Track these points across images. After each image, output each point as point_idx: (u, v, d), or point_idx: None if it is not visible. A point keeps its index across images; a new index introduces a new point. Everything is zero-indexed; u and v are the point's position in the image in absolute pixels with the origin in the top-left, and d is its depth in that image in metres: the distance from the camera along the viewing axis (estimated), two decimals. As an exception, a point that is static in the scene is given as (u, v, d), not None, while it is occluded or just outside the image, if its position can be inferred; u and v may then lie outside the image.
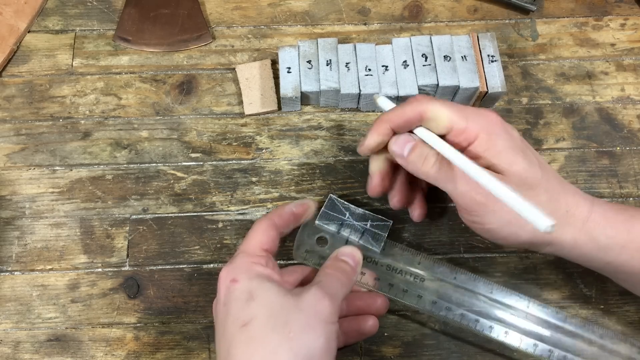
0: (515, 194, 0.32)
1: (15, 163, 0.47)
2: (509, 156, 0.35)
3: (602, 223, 0.36)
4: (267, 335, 0.32)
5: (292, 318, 0.32)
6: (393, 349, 0.42)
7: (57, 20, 0.52)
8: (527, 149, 0.36)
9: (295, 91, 0.46)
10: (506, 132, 0.36)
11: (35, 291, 0.43)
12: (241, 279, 0.34)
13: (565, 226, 0.36)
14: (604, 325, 0.42)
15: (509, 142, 0.35)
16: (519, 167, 0.35)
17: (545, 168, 0.37)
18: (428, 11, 0.53)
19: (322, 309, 0.33)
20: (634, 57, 0.51)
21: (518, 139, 0.36)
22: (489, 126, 0.36)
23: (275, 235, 0.38)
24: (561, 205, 0.36)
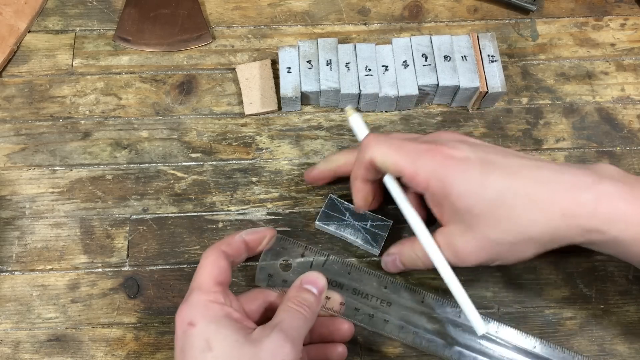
0: (463, 292, 0.36)
1: (15, 163, 0.47)
2: (466, 200, 0.34)
3: (611, 217, 0.33)
4: None
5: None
6: (393, 349, 0.42)
7: (57, 20, 0.52)
8: (485, 169, 0.34)
9: (295, 91, 0.46)
10: (459, 168, 0.34)
11: (35, 291, 0.43)
12: (198, 323, 0.32)
13: (566, 228, 0.33)
14: (604, 325, 0.42)
15: (463, 181, 0.33)
16: (481, 207, 0.33)
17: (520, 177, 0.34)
18: (428, 11, 0.53)
19: (283, 356, 0.32)
20: (634, 57, 0.51)
21: (474, 164, 0.34)
22: (439, 169, 0.34)
23: (226, 266, 0.36)
24: (553, 211, 0.33)
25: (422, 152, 0.35)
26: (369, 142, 0.36)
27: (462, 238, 0.35)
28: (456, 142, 0.35)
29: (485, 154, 0.35)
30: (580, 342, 0.42)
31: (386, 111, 0.49)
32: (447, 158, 0.34)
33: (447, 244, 0.36)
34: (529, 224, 0.33)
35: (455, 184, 0.34)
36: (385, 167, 0.36)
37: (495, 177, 0.33)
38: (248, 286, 0.43)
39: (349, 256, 0.44)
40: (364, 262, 0.44)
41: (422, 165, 0.34)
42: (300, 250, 0.42)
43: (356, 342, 0.42)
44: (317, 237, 0.44)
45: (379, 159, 0.36)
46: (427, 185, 0.34)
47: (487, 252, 0.35)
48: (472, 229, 0.34)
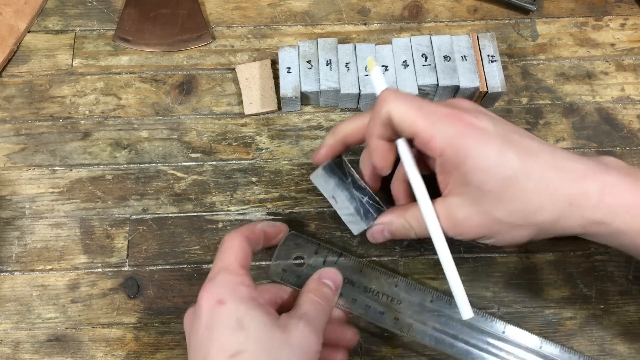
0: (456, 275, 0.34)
1: (15, 163, 0.47)
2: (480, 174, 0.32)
3: (615, 209, 0.32)
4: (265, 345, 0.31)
5: (282, 355, 0.31)
6: (393, 349, 0.42)
7: (57, 20, 0.52)
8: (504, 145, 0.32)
9: (295, 91, 0.46)
10: (478, 138, 0.32)
11: (35, 291, 0.43)
12: (228, 302, 0.32)
13: (570, 217, 0.33)
14: (604, 325, 0.42)
15: (481, 153, 0.32)
16: (492, 184, 0.32)
17: (536, 158, 0.33)
18: (428, 11, 0.53)
19: (310, 346, 0.32)
20: (634, 57, 0.51)
21: (493, 137, 0.32)
22: (458, 137, 0.32)
23: (249, 251, 0.36)
24: (561, 199, 0.32)
25: (442, 116, 0.33)
26: (388, 96, 0.34)
27: (465, 210, 0.34)
28: (477, 112, 0.33)
29: (504, 130, 0.33)
30: (580, 342, 0.42)
31: (386, 111, 0.49)
32: (467, 126, 0.32)
33: (447, 214, 0.35)
34: (536, 209, 0.33)
35: (472, 156, 0.32)
36: (401, 126, 0.33)
37: (512, 155, 0.32)
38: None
39: (349, 256, 0.44)
40: (374, 261, 0.44)
41: (440, 129, 0.32)
42: (313, 248, 0.42)
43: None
44: (316, 237, 0.44)
45: (396, 115, 0.33)
46: (441, 151, 0.32)
47: (487, 228, 0.34)
48: (478, 203, 0.33)
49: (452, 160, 0.32)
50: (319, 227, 0.45)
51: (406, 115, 0.33)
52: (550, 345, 0.40)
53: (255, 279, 0.43)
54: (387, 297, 0.41)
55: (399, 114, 0.33)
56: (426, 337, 0.40)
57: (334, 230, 0.45)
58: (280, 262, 0.42)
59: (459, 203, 0.34)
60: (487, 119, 0.33)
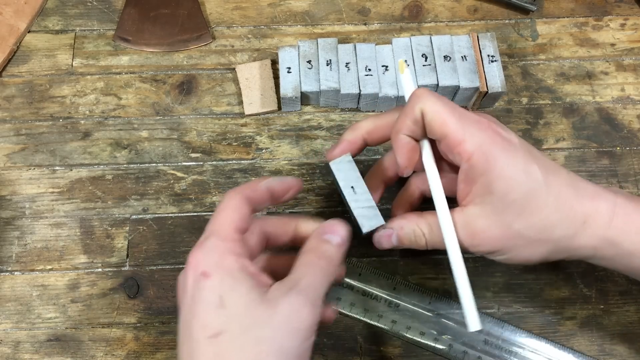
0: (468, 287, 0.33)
1: (15, 163, 0.47)
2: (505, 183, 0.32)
3: (626, 229, 0.33)
4: (236, 354, 0.28)
5: (266, 336, 0.28)
6: (393, 349, 0.42)
7: (57, 20, 0.52)
8: (529, 158, 0.33)
9: (295, 91, 0.46)
10: (505, 148, 0.32)
11: (35, 291, 0.43)
12: (213, 274, 0.30)
13: (584, 235, 0.33)
14: (604, 325, 0.42)
15: (508, 162, 0.32)
16: (517, 194, 0.32)
17: (555, 174, 0.33)
18: (428, 11, 0.53)
19: (299, 322, 0.29)
20: (634, 57, 0.51)
21: (519, 149, 0.33)
22: (486, 143, 0.32)
23: (248, 213, 0.32)
24: (577, 216, 0.33)
25: (474, 122, 0.32)
26: (422, 94, 0.33)
27: (484, 221, 0.33)
28: (503, 126, 0.34)
29: (527, 145, 0.34)
30: (580, 342, 0.42)
31: (386, 111, 0.49)
32: (497, 135, 0.32)
33: (465, 224, 0.34)
34: (554, 224, 0.33)
35: (500, 163, 0.32)
36: (432, 124, 0.33)
37: (536, 168, 0.32)
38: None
39: (349, 256, 0.44)
40: (373, 262, 0.44)
41: (471, 133, 0.32)
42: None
43: (356, 342, 0.42)
44: (317, 237, 0.44)
45: (429, 112, 0.33)
46: (470, 155, 0.32)
47: (505, 241, 0.34)
48: (499, 214, 0.33)
49: (480, 166, 0.32)
50: (319, 227, 0.45)
51: (440, 113, 0.32)
52: (550, 345, 0.40)
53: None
54: (384, 301, 0.42)
55: (432, 112, 0.33)
56: (424, 338, 0.40)
57: (334, 230, 0.45)
58: None
59: (478, 213, 0.33)
60: (513, 133, 0.34)
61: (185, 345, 0.30)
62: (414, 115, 0.33)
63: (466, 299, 0.34)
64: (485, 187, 0.32)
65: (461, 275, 0.34)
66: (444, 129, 0.32)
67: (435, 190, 0.35)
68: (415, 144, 0.35)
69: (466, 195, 0.34)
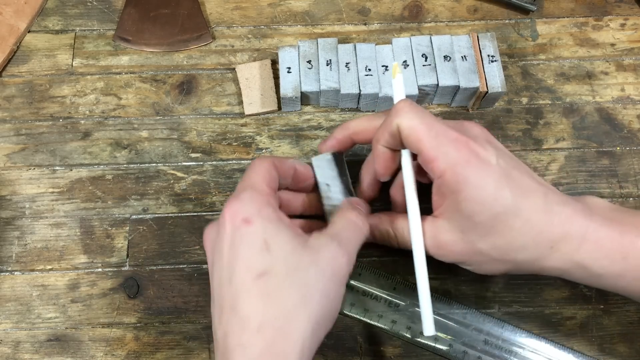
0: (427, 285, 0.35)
1: (15, 163, 0.47)
2: (472, 205, 0.32)
3: (595, 254, 0.33)
4: (284, 292, 0.30)
5: (310, 277, 0.30)
6: (393, 349, 0.42)
7: (57, 20, 0.52)
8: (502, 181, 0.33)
9: (295, 91, 0.46)
10: (479, 170, 0.32)
11: (35, 291, 0.43)
12: (255, 221, 0.31)
13: (550, 260, 0.34)
14: (604, 325, 0.42)
15: (479, 184, 0.32)
16: (483, 217, 0.33)
17: (529, 199, 0.33)
18: (428, 11, 0.53)
19: (339, 268, 0.32)
20: (634, 57, 0.51)
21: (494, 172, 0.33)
22: (460, 164, 0.32)
23: (277, 177, 0.35)
24: (544, 241, 0.33)
25: (450, 140, 0.33)
26: (402, 108, 0.34)
27: (451, 235, 0.35)
28: (485, 142, 0.34)
29: (506, 164, 0.34)
30: (580, 342, 0.42)
31: (386, 111, 0.49)
32: (471, 155, 0.33)
33: (433, 235, 0.35)
34: (518, 248, 0.34)
35: (469, 185, 0.32)
36: (408, 140, 0.34)
37: (507, 192, 0.33)
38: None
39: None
40: (373, 262, 0.44)
41: (445, 152, 0.33)
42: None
43: (356, 342, 0.42)
44: (317, 237, 0.44)
45: (405, 129, 0.34)
46: (441, 173, 0.33)
47: (468, 257, 0.35)
48: (464, 232, 0.34)
49: (450, 185, 0.33)
50: (319, 227, 0.45)
51: (415, 131, 0.33)
52: (550, 345, 0.40)
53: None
54: (384, 301, 0.42)
55: (407, 128, 0.34)
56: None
57: (334, 230, 0.45)
58: None
59: (446, 227, 0.35)
60: (493, 151, 0.33)
61: (225, 288, 0.31)
62: (391, 129, 0.35)
63: (425, 305, 0.35)
64: (453, 205, 0.34)
65: (423, 283, 0.35)
66: (418, 146, 0.33)
67: (409, 201, 0.36)
68: (391, 154, 0.37)
69: (438, 207, 0.35)
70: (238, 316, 0.30)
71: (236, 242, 0.31)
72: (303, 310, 0.30)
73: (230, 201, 0.32)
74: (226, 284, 0.31)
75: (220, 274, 0.31)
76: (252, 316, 0.30)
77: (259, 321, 0.29)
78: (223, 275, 0.31)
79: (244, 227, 0.31)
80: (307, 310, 0.30)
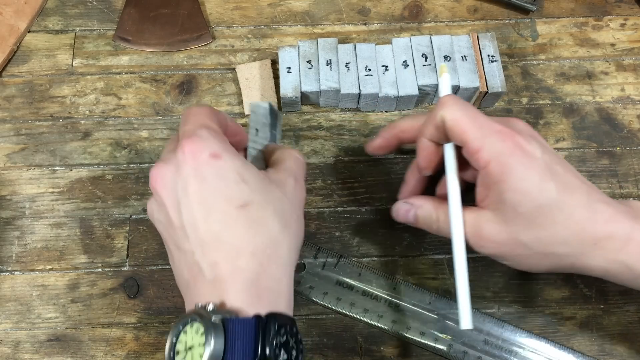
0: (466, 284, 0.35)
1: (15, 163, 0.47)
2: (517, 196, 0.33)
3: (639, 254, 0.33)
4: (268, 221, 0.31)
5: (285, 208, 0.33)
6: (393, 349, 0.42)
7: (57, 20, 0.52)
8: (546, 174, 0.33)
9: (295, 91, 0.46)
10: (524, 161, 0.33)
11: (35, 291, 0.43)
12: (224, 156, 0.31)
13: (594, 258, 0.34)
14: (604, 325, 0.42)
15: (523, 175, 0.33)
16: (527, 208, 0.33)
17: (573, 194, 0.33)
18: (428, 11, 0.53)
19: (301, 199, 0.35)
20: (634, 57, 0.51)
21: (539, 164, 0.33)
22: (505, 154, 0.33)
23: (219, 121, 0.35)
24: (587, 238, 0.33)
25: (495, 132, 0.33)
26: (447, 101, 0.35)
27: (493, 226, 0.34)
28: (529, 136, 0.34)
29: (550, 160, 0.34)
30: (580, 342, 0.42)
31: (386, 111, 0.49)
32: (516, 147, 0.33)
33: (474, 224, 0.35)
34: (560, 242, 0.34)
35: (514, 176, 0.33)
36: (452, 132, 0.34)
37: (551, 185, 0.33)
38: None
39: (348, 256, 0.44)
40: (373, 262, 0.44)
41: (490, 143, 0.33)
42: (313, 252, 0.43)
43: (356, 342, 0.42)
44: (316, 237, 0.44)
45: (450, 120, 0.34)
46: (486, 164, 0.33)
47: (509, 249, 0.35)
48: (508, 223, 0.34)
49: (495, 175, 0.33)
50: (319, 227, 0.45)
51: (459, 122, 0.34)
52: (550, 345, 0.40)
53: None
54: (384, 301, 0.42)
55: (452, 120, 0.34)
56: (424, 338, 0.40)
57: (334, 231, 0.45)
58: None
59: (489, 217, 0.35)
60: (537, 145, 0.34)
61: (202, 223, 0.31)
62: (436, 121, 0.35)
63: (462, 297, 0.35)
64: (497, 196, 0.34)
65: (461, 273, 0.35)
66: (463, 137, 0.34)
67: (451, 188, 0.36)
68: (435, 147, 0.37)
69: (483, 198, 0.35)
70: (228, 245, 0.30)
71: (208, 177, 0.31)
72: (285, 238, 0.32)
73: (185, 140, 0.31)
74: (202, 219, 0.30)
75: (191, 211, 0.31)
76: (244, 244, 0.30)
77: (252, 247, 0.31)
78: (196, 211, 0.31)
79: (213, 161, 0.31)
80: (288, 237, 0.32)
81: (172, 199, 0.32)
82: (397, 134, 0.41)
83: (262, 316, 0.29)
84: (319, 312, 0.42)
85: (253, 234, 0.31)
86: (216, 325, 0.28)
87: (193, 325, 0.29)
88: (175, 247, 0.33)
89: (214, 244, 0.31)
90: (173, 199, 0.31)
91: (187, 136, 0.32)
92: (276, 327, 0.29)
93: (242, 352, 0.28)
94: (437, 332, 0.41)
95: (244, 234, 0.31)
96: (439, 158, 0.38)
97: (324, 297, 0.42)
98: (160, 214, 0.33)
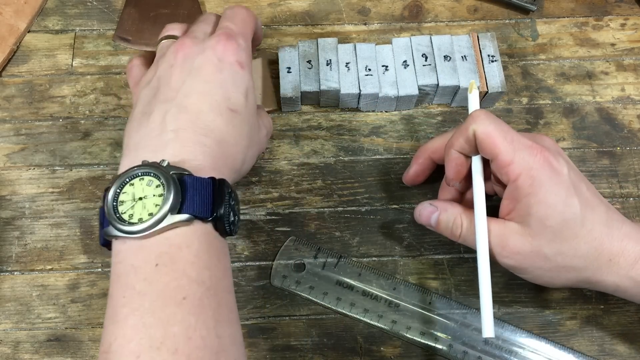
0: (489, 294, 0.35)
1: (15, 163, 0.47)
2: (545, 209, 0.34)
3: None
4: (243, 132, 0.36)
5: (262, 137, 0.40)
6: (393, 349, 0.42)
7: (57, 20, 0.52)
8: (571, 191, 0.35)
9: (295, 91, 0.46)
10: (552, 177, 0.34)
11: (35, 291, 0.43)
12: (246, 69, 0.36)
13: (608, 273, 0.35)
14: (604, 325, 0.42)
15: (552, 190, 0.34)
16: (554, 221, 0.34)
17: (593, 211, 0.35)
18: (428, 11, 0.53)
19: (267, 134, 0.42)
20: (634, 57, 0.51)
21: (565, 180, 0.35)
22: (535, 168, 0.34)
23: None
24: (604, 253, 0.35)
25: (525, 146, 0.35)
26: (479, 115, 0.36)
27: (518, 238, 0.35)
28: (557, 153, 0.36)
29: (575, 177, 0.35)
30: (580, 342, 0.42)
31: (386, 111, 0.49)
32: (546, 162, 0.34)
33: (499, 235, 0.36)
34: (580, 255, 0.35)
35: (544, 189, 0.34)
36: (483, 145, 0.35)
37: (576, 201, 0.34)
38: (248, 286, 0.43)
39: (348, 256, 0.44)
40: (373, 262, 0.44)
41: (520, 157, 0.34)
42: (313, 252, 0.43)
43: (356, 342, 0.42)
44: (316, 237, 0.44)
45: (481, 134, 0.35)
46: (516, 177, 0.34)
47: (531, 261, 0.36)
48: (533, 235, 0.35)
49: (524, 188, 0.34)
50: (319, 227, 0.45)
51: (490, 136, 0.35)
52: (550, 345, 0.40)
53: (255, 279, 0.43)
54: (384, 301, 0.42)
55: (484, 133, 0.35)
56: (424, 338, 0.40)
57: (334, 231, 0.45)
58: (280, 267, 0.42)
59: (516, 229, 0.36)
60: (564, 163, 0.35)
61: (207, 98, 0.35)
62: (467, 134, 0.36)
63: (486, 307, 0.36)
64: (526, 208, 0.35)
65: (485, 282, 0.36)
66: (494, 150, 0.35)
67: (477, 198, 0.37)
68: (464, 159, 0.38)
69: (509, 211, 0.36)
70: (202, 123, 0.34)
71: (224, 73, 0.35)
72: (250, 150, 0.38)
73: (225, 38, 0.36)
74: (197, 93, 0.34)
75: (192, 82, 0.34)
76: (216, 132, 0.34)
77: (220, 137, 0.34)
78: (197, 84, 0.34)
79: (236, 67, 0.36)
80: (252, 150, 0.38)
81: (185, 64, 0.35)
82: (430, 156, 0.42)
83: (216, 179, 0.32)
84: (319, 312, 0.42)
85: (226, 130, 0.34)
86: (174, 179, 0.31)
87: (144, 178, 0.31)
88: (146, 103, 0.35)
89: (192, 116, 0.34)
90: (185, 65, 0.35)
91: (227, 36, 0.36)
92: (229, 191, 0.33)
93: (200, 206, 0.31)
94: (437, 332, 0.41)
95: (219, 125, 0.34)
96: (467, 169, 0.39)
97: (324, 297, 0.42)
98: (160, 70, 0.36)
